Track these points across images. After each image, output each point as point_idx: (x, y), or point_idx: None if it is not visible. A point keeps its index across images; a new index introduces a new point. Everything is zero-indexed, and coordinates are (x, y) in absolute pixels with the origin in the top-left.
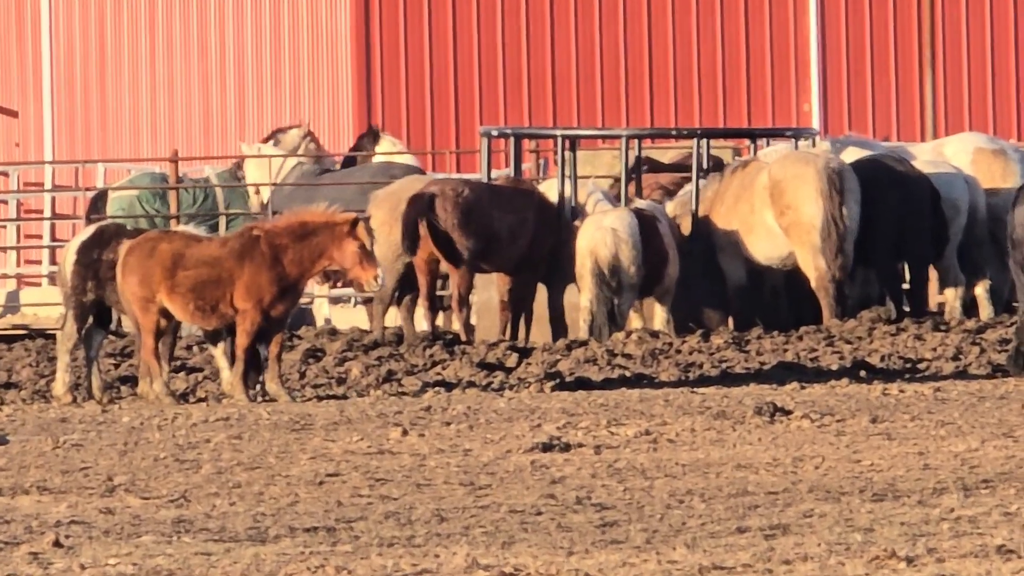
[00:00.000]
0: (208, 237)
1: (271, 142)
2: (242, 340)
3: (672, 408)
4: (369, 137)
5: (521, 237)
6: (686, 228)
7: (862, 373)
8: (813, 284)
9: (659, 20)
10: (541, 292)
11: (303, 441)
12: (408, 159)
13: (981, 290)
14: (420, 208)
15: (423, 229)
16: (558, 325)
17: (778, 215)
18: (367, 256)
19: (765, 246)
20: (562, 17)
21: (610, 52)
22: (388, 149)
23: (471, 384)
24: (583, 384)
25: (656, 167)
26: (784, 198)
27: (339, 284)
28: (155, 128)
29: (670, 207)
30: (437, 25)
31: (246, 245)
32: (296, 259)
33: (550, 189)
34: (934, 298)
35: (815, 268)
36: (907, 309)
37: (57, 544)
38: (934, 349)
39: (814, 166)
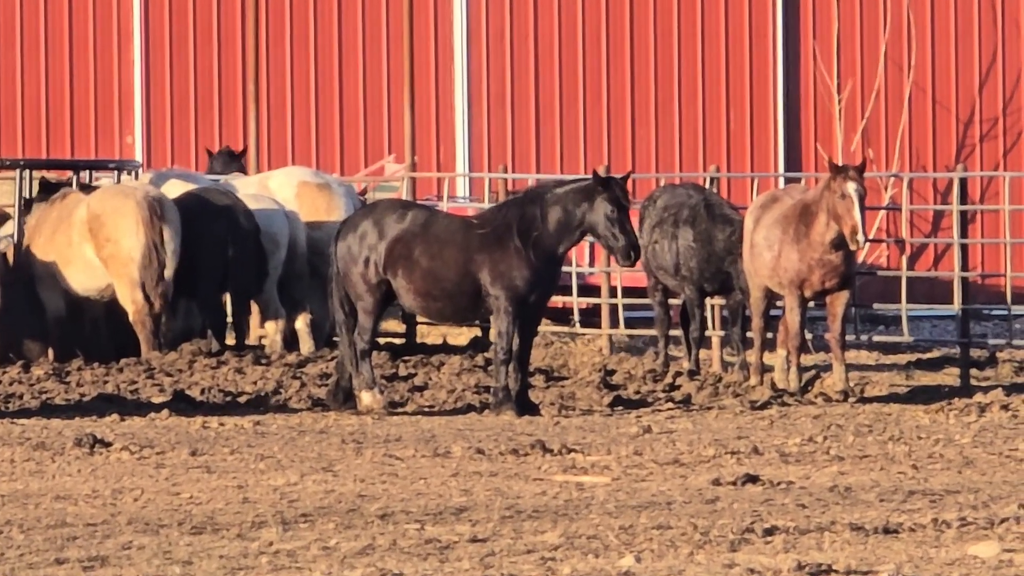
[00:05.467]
0: None
1: None
2: None
3: None
4: None
5: None
6: (9, 259)
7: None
8: (131, 318)
9: None
10: None
11: None
12: None
13: (302, 324)
14: None
15: None
16: None
17: (98, 248)
18: None
19: (83, 278)
20: None
21: None
22: None
23: None
24: None
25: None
26: (104, 231)
27: None
28: None
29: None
30: None
31: None
32: None
33: None
34: (255, 331)
35: (133, 302)
36: (229, 342)
37: None
38: (255, 382)
39: (133, 198)
